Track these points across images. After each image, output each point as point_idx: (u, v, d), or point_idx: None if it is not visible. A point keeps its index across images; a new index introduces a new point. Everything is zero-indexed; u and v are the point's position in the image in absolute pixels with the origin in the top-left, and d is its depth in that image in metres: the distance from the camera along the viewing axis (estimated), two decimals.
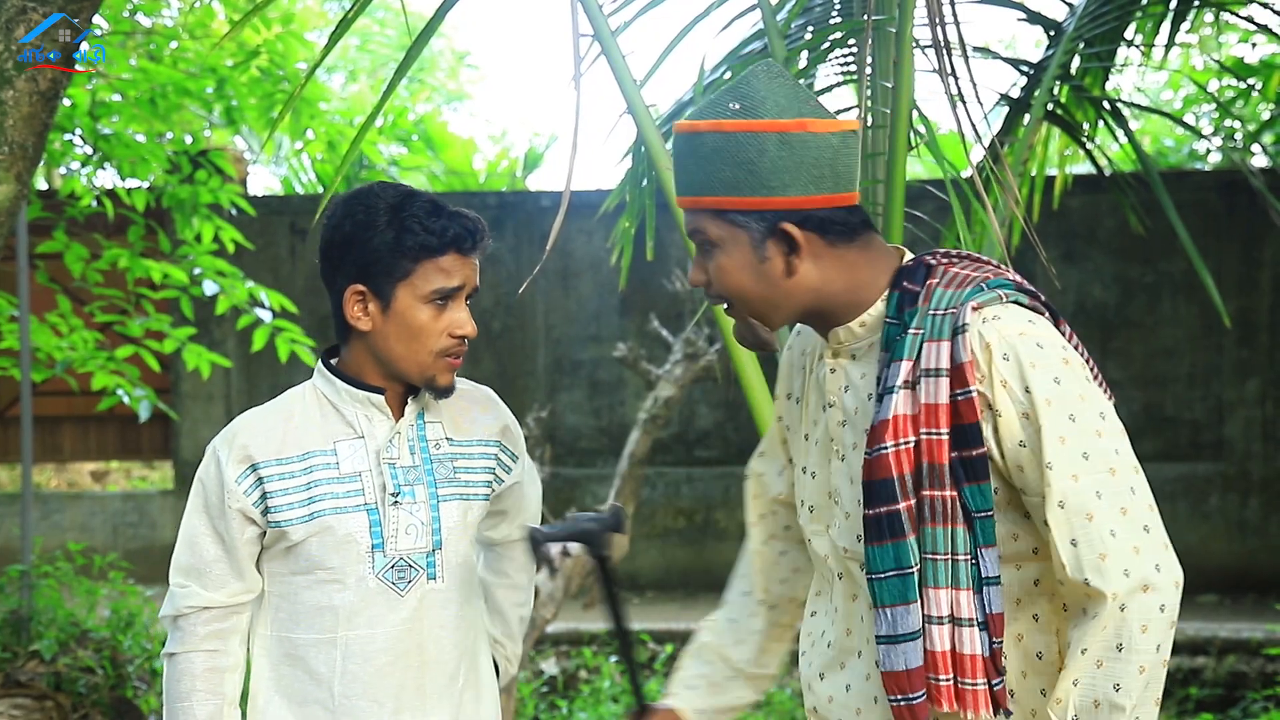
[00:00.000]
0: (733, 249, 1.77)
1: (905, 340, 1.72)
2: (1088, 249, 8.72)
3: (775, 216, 1.74)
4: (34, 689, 5.11)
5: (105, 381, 5.71)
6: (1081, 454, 1.66)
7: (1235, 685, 6.60)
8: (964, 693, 1.68)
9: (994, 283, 1.75)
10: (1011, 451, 1.68)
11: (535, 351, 9.18)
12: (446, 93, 15.41)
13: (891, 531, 1.69)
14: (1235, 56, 9.10)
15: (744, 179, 1.72)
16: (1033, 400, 1.66)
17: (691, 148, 1.77)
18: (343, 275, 2.04)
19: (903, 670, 1.69)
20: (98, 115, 5.93)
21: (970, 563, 1.68)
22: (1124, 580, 1.63)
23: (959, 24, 2.78)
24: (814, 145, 1.73)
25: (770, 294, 1.78)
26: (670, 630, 7.25)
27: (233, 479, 2.05)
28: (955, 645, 1.68)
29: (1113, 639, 1.62)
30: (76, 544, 6.12)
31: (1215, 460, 8.70)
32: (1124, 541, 1.64)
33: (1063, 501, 1.64)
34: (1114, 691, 1.62)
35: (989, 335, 1.69)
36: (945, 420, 1.68)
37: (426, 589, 2.08)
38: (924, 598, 1.69)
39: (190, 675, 2.08)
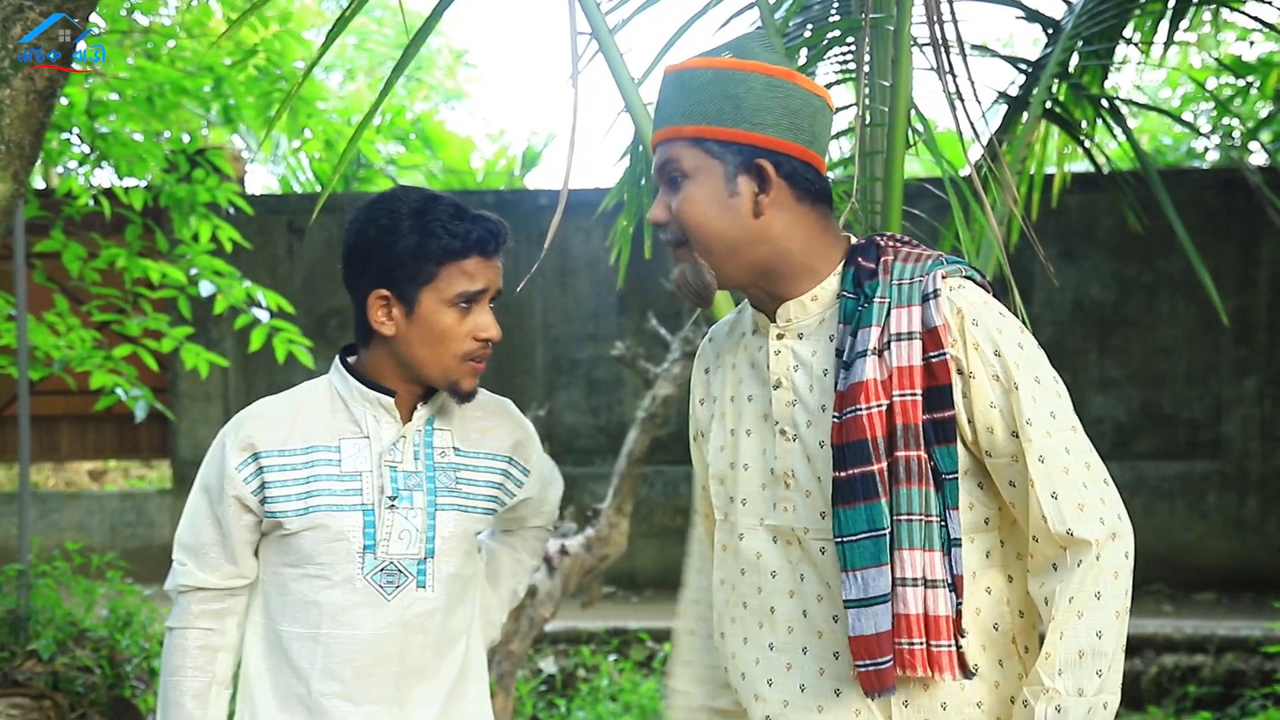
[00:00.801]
0: (704, 179, 1.79)
1: (872, 308, 1.76)
2: (1086, 247, 8.72)
3: (753, 151, 1.78)
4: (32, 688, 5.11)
5: (103, 381, 5.70)
6: (1050, 413, 1.73)
7: (1233, 683, 6.60)
8: (936, 655, 1.71)
9: (951, 259, 1.82)
10: (982, 413, 1.73)
11: (533, 350, 9.18)
12: (444, 91, 15.40)
13: (865, 493, 1.71)
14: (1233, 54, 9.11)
15: (728, 110, 1.77)
16: (1004, 362, 1.73)
17: (679, 83, 1.81)
18: (366, 280, 2.05)
19: (872, 634, 1.71)
20: (95, 114, 5.92)
21: (941, 524, 1.72)
22: (1100, 528, 1.71)
23: (957, 22, 2.77)
24: (798, 96, 1.79)
25: (732, 232, 1.79)
26: (668, 629, 7.25)
27: (233, 466, 2.06)
28: (928, 607, 1.71)
29: (1091, 588, 1.70)
30: (74, 543, 6.12)
31: (1213, 458, 8.70)
32: (1093, 493, 1.73)
33: (1042, 456, 1.71)
34: (1096, 639, 1.69)
35: (959, 301, 1.75)
36: (919, 382, 1.73)
37: (414, 596, 2.07)
38: (895, 560, 1.71)
39: (183, 650, 2.10)
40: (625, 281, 4.31)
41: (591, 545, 5.32)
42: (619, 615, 7.72)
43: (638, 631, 7.22)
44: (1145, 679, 6.67)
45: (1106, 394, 8.73)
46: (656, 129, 1.85)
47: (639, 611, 8.06)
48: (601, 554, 5.35)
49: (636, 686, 6.44)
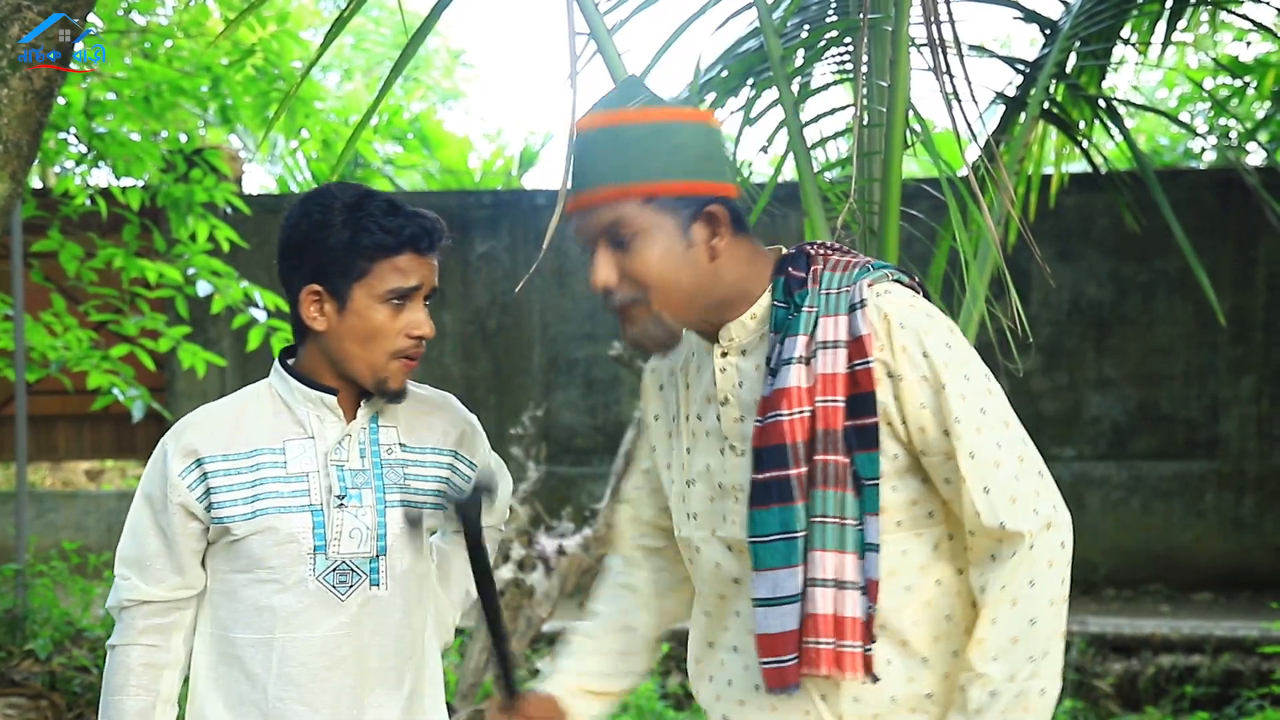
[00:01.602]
0: (659, 236, 1.79)
1: (800, 317, 1.79)
2: (1083, 247, 8.73)
3: (704, 201, 1.80)
4: (29, 688, 5.11)
5: (100, 380, 5.70)
6: (979, 409, 1.75)
7: (1230, 683, 6.60)
8: (843, 655, 1.74)
9: (878, 264, 1.85)
10: (913, 413, 1.75)
11: (531, 350, 9.18)
12: (442, 91, 15.40)
13: (780, 496, 1.74)
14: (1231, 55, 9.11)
15: (676, 164, 1.78)
16: (931, 363, 1.75)
17: (612, 138, 1.80)
18: (299, 275, 2.03)
19: (778, 633, 1.74)
20: (92, 114, 5.92)
21: (857, 527, 1.74)
22: (1034, 519, 1.72)
23: (954, 23, 2.77)
24: (718, 137, 1.85)
25: (695, 281, 1.81)
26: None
27: (176, 473, 2.02)
28: (837, 608, 1.73)
29: (1025, 576, 1.71)
30: (71, 543, 6.12)
31: (1210, 458, 8.71)
32: (1026, 485, 1.74)
33: (973, 453, 1.73)
34: (1029, 625, 1.70)
35: (885, 307, 1.77)
36: (842, 389, 1.75)
37: (368, 595, 2.04)
38: (809, 561, 1.74)
39: (126, 669, 2.05)
40: None
41: (589, 545, 5.31)
42: None
43: None
44: (1142, 679, 6.67)
45: (1104, 394, 8.74)
46: (589, 188, 1.82)
47: None
48: (599, 554, 5.34)
49: None
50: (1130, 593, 8.29)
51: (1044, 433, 8.51)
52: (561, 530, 5.40)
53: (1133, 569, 8.45)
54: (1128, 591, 8.33)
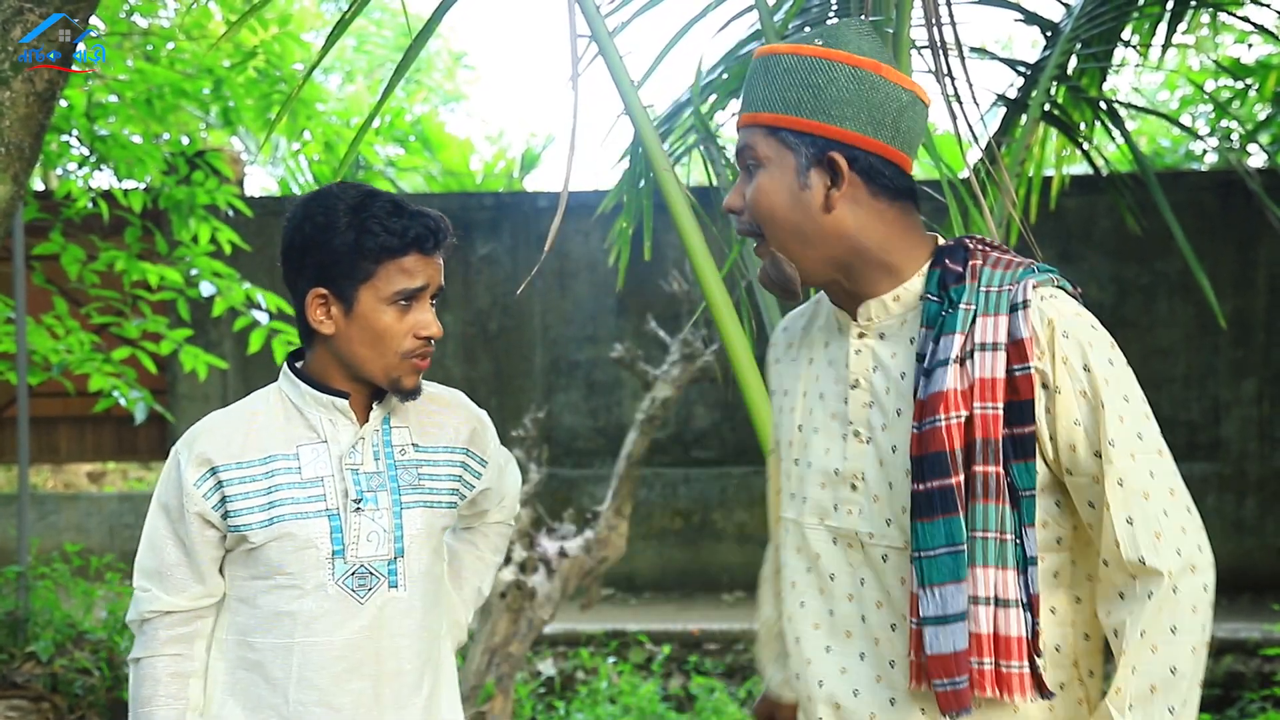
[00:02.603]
0: (776, 170, 1.75)
1: (957, 314, 1.70)
2: (1084, 249, 8.73)
3: (826, 144, 1.72)
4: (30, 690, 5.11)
5: (101, 383, 5.70)
6: (1136, 434, 1.66)
7: (1232, 685, 6.60)
8: (1006, 676, 1.66)
9: (1043, 266, 1.76)
10: (1065, 429, 1.67)
11: (532, 352, 9.18)
12: (443, 93, 15.41)
13: (944, 507, 1.66)
14: (1232, 57, 9.12)
15: (806, 100, 1.72)
16: (1092, 378, 1.66)
17: (765, 68, 1.77)
18: (304, 278, 2.01)
19: (950, 653, 1.65)
20: (94, 116, 5.93)
21: (1016, 542, 1.67)
22: (1176, 559, 1.63)
23: (955, 25, 2.78)
24: (882, 89, 1.73)
25: (803, 224, 1.75)
26: (667, 631, 7.25)
27: (191, 482, 2.01)
28: (999, 627, 1.66)
29: (1167, 621, 1.62)
30: (73, 545, 6.12)
31: (1211, 460, 8.71)
32: (1174, 521, 1.65)
33: (1122, 480, 1.64)
34: (1170, 674, 1.61)
35: (1050, 312, 1.68)
36: (1000, 395, 1.66)
37: (387, 597, 2.04)
38: (969, 577, 1.66)
39: (153, 680, 2.05)
40: (624, 283, 4.31)
41: (590, 547, 5.32)
42: (618, 617, 7.72)
43: (637, 633, 7.22)
44: None
45: None
46: (740, 113, 1.81)
47: (638, 614, 8.06)
48: (600, 556, 5.35)
49: (635, 689, 6.44)
50: None
51: None
52: (563, 532, 5.40)
53: None
54: None
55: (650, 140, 2.77)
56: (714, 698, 6.44)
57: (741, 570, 8.56)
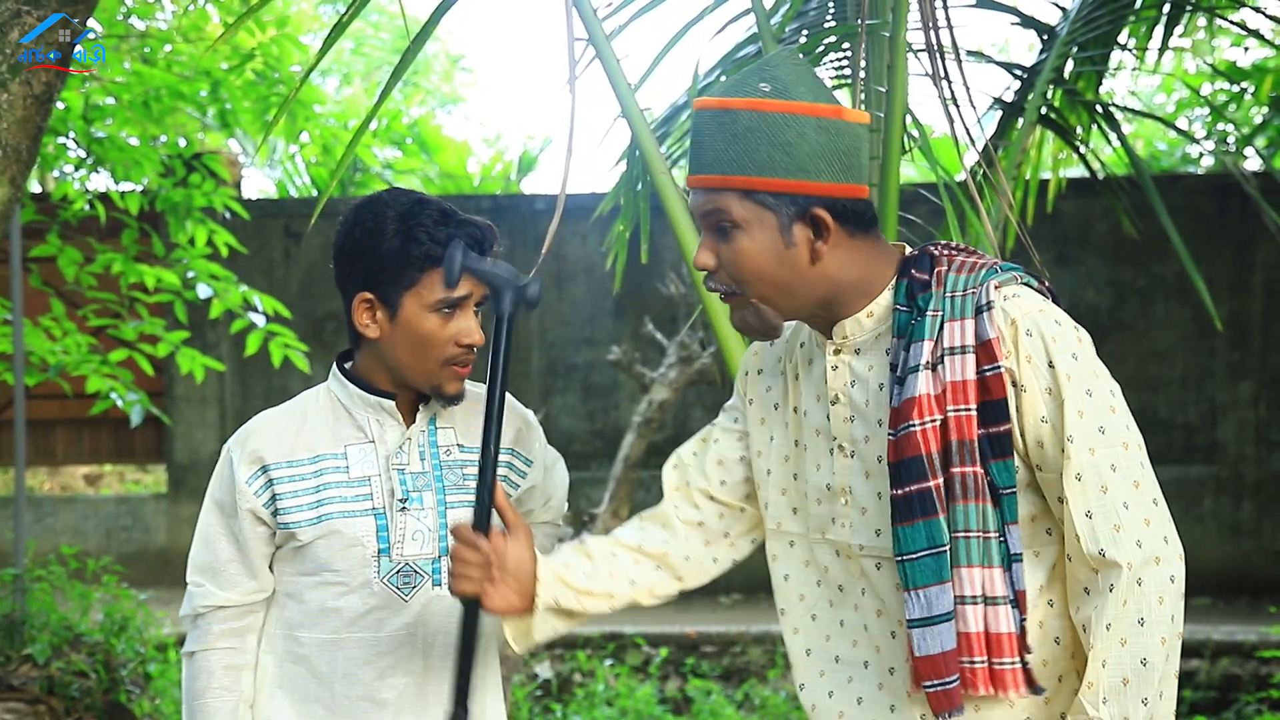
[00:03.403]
0: (757, 232, 1.74)
1: (924, 322, 1.72)
2: (1081, 252, 8.74)
3: (807, 201, 1.73)
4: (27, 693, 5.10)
5: (98, 385, 5.70)
6: (1098, 428, 1.68)
7: (1229, 688, 6.61)
8: (999, 673, 1.68)
9: (1006, 265, 1.78)
10: (1033, 427, 1.69)
11: (529, 354, 9.18)
12: (441, 96, 15.42)
13: (923, 510, 1.68)
14: (1228, 60, 9.14)
15: (780, 160, 1.71)
16: (1055, 375, 1.68)
17: (721, 125, 1.74)
18: (352, 282, 2.05)
19: (938, 654, 1.67)
20: (91, 119, 5.93)
21: (999, 540, 1.68)
22: (1137, 551, 1.64)
23: (952, 28, 2.78)
24: (845, 134, 1.74)
25: (790, 280, 1.75)
26: (664, 633, 7.25)
27: (243, 479, 2.06)
28: (989, 625, 1.67)
29: (1133, 614, 1.64)
30: (70, 547, 6.11)
31: (1208, 463, 8.72)
32: (1136, 514, 1.66)
33: (1080, 474, 1.66)
34: (1141, 666, 1.63)
35: (1013, 311, 1.71)
36: (973, 396, 1.69)
37: (431, 595, 2.07)
38: (955, 578, 1.67)
39: (208, 672, 2.09)
40: (621, 286, 4.32)
41: None
42: (615, 620, 7.70)
43: (634, 636, 7.22)
44: None
45: None
46: (696, 171, 1.78)
47: (635, 616, 8.05)
48: None
49: (633, 691, 6.44)
50: None
51: None
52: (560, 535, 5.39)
53: None
54: None
55: (647, 143, 2.77)
56: (711, 700, 6.44)
57: (739, 573, 8.52)
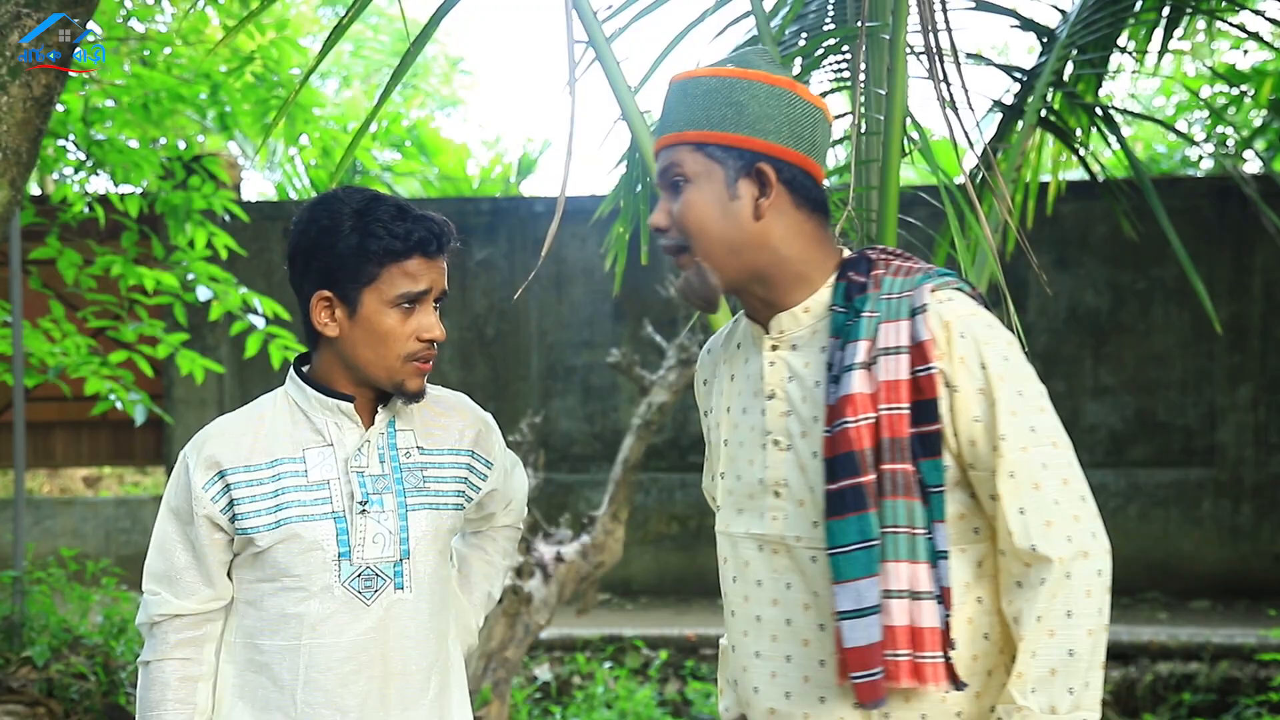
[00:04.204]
0: (705, 184, 1.81)
1: (861, 322, 1.78)
2: (1080, 255, 8.74)
3: (754, 156, 1.81)
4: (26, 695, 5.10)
5: (98, 387, 5.70)
6: (1029, 427, 1.74)
7: (1228, 691, 6.61)
8: (922, 666, 1.72)
9: (940, 271, 1.84)
10: (966, 426, 1.74)
11: (529, 357, 9.18)
12: (440, 98, 15.42)
13: (856, 504, 1.73)
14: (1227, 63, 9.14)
15: (730, 116, 1.80)
16: (988, 375, 1.74)
17: (682, 91, 1.85)
18: (309, 281, 2.03)
19: (866, 645, 1.72)
20: (91, 121, 5.93)
21: (927, 536, 1.73)
22: (1067, 546, 1.70)
23: (952, 31, 2.78)
24: (799, 105, 1.82)
25: (733, 235, 1.81)
26: (664, 636, 7.25)
27: (199, 485, 2.03)
28: (914, 619, 1.72)
29: (1062, 606, 1.69)
30: (69, 550, 6.10)
31: (1207, 466, 8.71)
32: (1066, 510, 1.72)
33: (1013, 472, 1.72)
34: (1069, 657, 1.68)
35: (947, 314, 1.77)
36: (905, 395, 1.74)
37: (393, 599, 2.05)
38: (882, 572, 1.73)
39: (162, 684, 2.06)
40: (621, 288, 4.32)
41: (587, 552, 5.32)
42: (614, 622, 7.72)
43: (633, 638, 7.21)
44: (1140, 686, 6.67)
45: (1101, 401, 8.75)
46: (658, 135, 1.87)
47: (634, 619, 8.05)
48: (597, 561, 5.35)
49: (632, 694, 6.44)
50: (1128, 600, 8.29)
51: None
52: (559, 537, 5.40)
53: (1130, 576, 8.44)
54: (1125, 599, 8.32)
55: (647, 145, 2.77)
56: (710, 702, 6.44)
57: None
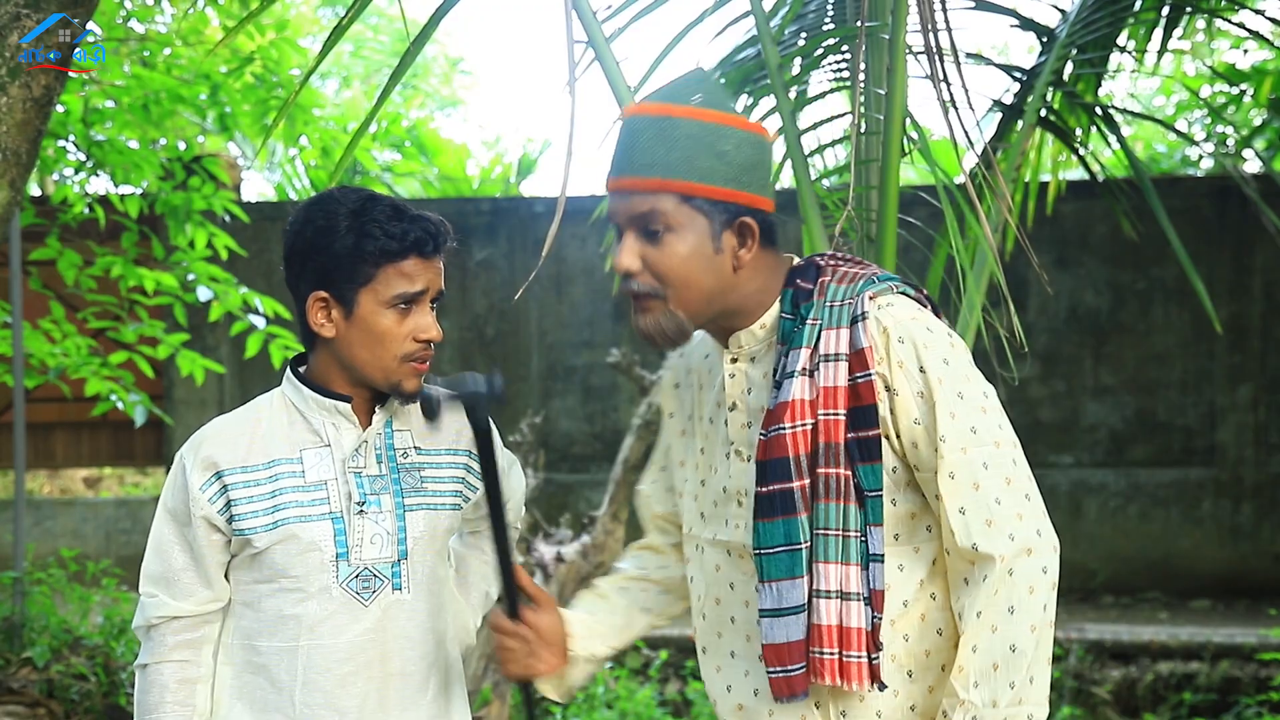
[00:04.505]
0: (689, 235, 1.81)
1: (804, 330, 1.81)
2: (1080, 255, 8.73)
3: (739, 210, 1.82)
4: (26, 696, 5.10)
5: (98, 388, 5.70)
6: (970, 428, 1.76)
7: (1229, 691, 6.60)
8: (848, 665, 1.75)
9: (884, 276, 1.86)
10: (907, 429, 1.77)
11: (529, 357, 9.18)
12: (440, 99, 15.42)
13: (783, 508, 1.76)
14: (1227, 62, 9.14)
15: (718, 169, 1.81)
16: (926, 379, 1.76)
17: (660, 130, 1.82)
18: (305, 282, 2.02)
19: (784, 643, 1.76)
20: (91, 122, 5.93)
21: (860, 539, 1.76)
22: (1009, 544, 1.72)
23: (952, 30, 2.78)
24: (765, 151, 1.87)
25: (712, 286, 1.83)
26: (664, 636, 7.25)
27: (197, 486, 2.02)
28: (842, 619, 1.75)
29: (1004, 602, 1.71)
30: (69, 550, 6.11)
31: (1207, 466, 8.71)
32: (1008, 509, 1.74)
33: (953, 473, 1.75)
34: (1010, 652, 1.70)
35: (885, 320, 1.79)
36: (843, 402, 1.77)
37: (391, 600, 2.05)
38: (813, 573, 1.75)
39: (160, 687, 2.05)
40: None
41: (587, 552, 5.31)
42: None
43: None
44: (1141, 686, 6.67)
45: (1101, 401, 8.75)
46: (631, 174, 1.84)
47: None
48: (597, 561, 5.35)
49: (632, 694, 6.44)
50: (1128, 600, 8.29)
51: (1041, 440, 8.52)
52: (560, 537, 5.40)
53: (1130, 576, 8.45)
54: (1125, 599, 8.33)
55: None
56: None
57: None
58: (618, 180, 1.86)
